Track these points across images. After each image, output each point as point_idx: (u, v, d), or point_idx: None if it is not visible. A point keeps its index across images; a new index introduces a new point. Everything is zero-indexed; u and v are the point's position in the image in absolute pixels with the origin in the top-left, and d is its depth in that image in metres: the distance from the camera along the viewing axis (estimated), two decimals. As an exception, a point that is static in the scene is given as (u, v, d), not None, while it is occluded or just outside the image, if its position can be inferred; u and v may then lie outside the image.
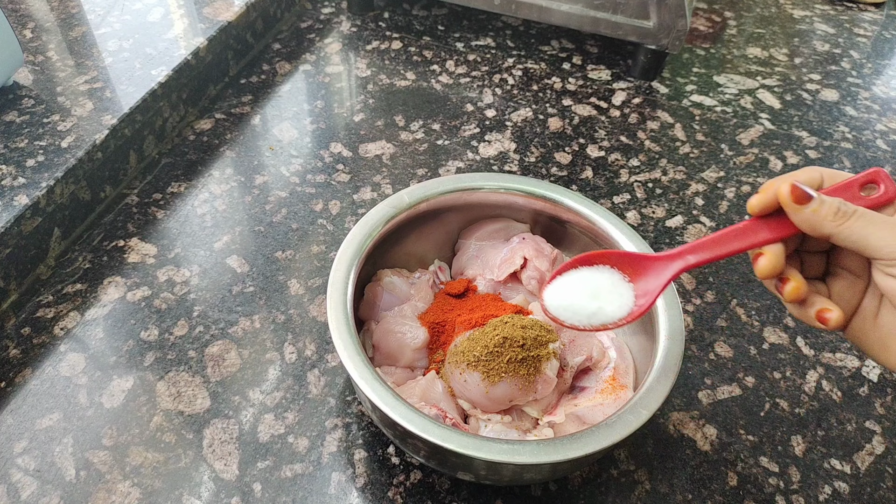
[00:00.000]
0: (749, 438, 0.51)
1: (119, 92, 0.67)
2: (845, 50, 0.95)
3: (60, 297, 0.57)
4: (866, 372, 0.56)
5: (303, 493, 0.46)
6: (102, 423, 0.49)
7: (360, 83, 0.82)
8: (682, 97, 0.84)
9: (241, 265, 0.60)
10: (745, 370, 0.55)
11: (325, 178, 0.69)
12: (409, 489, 0.47)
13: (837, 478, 0.49)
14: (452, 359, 0.46)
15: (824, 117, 0.82)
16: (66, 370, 0.52)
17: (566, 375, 0.47)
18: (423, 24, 0.93)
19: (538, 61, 0.88)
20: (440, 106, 0.79)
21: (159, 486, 0.46)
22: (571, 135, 0.76)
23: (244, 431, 0.49)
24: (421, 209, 0.52)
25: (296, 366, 0.53)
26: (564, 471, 0.46)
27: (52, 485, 0.46)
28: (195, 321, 0.56)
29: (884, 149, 0.78)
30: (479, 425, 0.45)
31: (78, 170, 0.60)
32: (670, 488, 0.48)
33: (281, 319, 0.56)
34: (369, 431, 0.49)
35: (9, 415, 0.49)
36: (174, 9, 0.79)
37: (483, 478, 0.43)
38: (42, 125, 0.63)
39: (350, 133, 0.75)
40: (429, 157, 0.72)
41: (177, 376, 0.52)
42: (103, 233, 0.62)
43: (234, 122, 0.75)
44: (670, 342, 0.43)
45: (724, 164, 0.74)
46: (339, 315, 0.43)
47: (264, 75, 0.82)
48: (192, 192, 0.67)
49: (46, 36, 0.74)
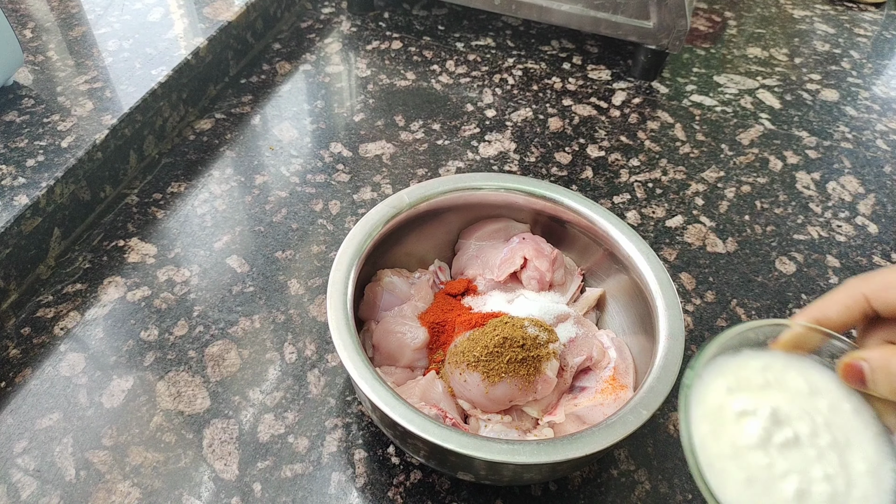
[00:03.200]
0: (749, 438, 0.51)
1: (119, 92, 0.67)
2: (845, 50, 0.95)
3: (60, 297, 0.57)
4: (866, 372, 0.56)
5: (303, 493, 0.46)
6: (102, 423, 0.49)
7: (360, 83, 0.82)
8: (683, 97, 0.84)
9: (241, 265, 0.60)
10: (745, 370, 0.55)
11: (325, 178, 0.69)
12: (409, 489, 0.47)
13: (837, 478, 0.49)
14: (452, 359, 0.46)
15: (824, 117, 0.82)
16: (66, 370, 0.52)
17: (566, 375, 0.47)
18: (423, 24, 0.93)
19: (538, 61, 0.88)
20: (440, 106, 0.79)
21: (159, 486, 0.46)
22: (571, 135, 0.76)
23: (244, 431, 0.49)
24: (421, 209, 0.52)
25: (296, 366, 0.53)
26: (564, 471, 0.46)
27: (52, 485, 0.46)
28: (195, 321, 0.56)
29: (884, 149, 0.78)
30: (479, 425, 0.45)
31: (78, 170, 0.60)
32: (670, 488, 0.48)
33: (281, 319, 0.56)
34: (369, 431, 0.49)
35: (9, 415, 0.49)
36: (174, 9, 0.79)
37: (483, 478, 0.43)
38: (42, 125, 0.63)
39: (350, 133, 0.75)
40: (429, 157, 0.72)
41: (177, 376, 0.52)
42: (103, 233, 0.62)
43: (234, 122, 0.75)
44: (670, 342, 0.43)
45: (725, 164, 0.74)
46: (339, 315, 0.43)
47: (264, 75, 0.82)
48: (192, 192, 0.67)
49: (46, 36, 0.74)
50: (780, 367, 0.32)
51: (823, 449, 0.29)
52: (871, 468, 0.29)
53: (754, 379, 0.31)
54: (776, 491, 0.29)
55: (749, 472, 0.29)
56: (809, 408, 0.30)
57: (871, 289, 0.30)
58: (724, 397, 0.31)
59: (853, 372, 0.30)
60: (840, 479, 0.29)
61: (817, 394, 0.31)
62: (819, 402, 0.31)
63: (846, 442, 0.30)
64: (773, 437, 0.30)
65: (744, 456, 0.29)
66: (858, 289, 0.31)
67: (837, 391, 0.31)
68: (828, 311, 0.31)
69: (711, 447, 0.30)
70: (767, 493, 0.29)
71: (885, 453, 0.30)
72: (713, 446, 0.30)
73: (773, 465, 0.29)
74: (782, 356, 0.32)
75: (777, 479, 0.29)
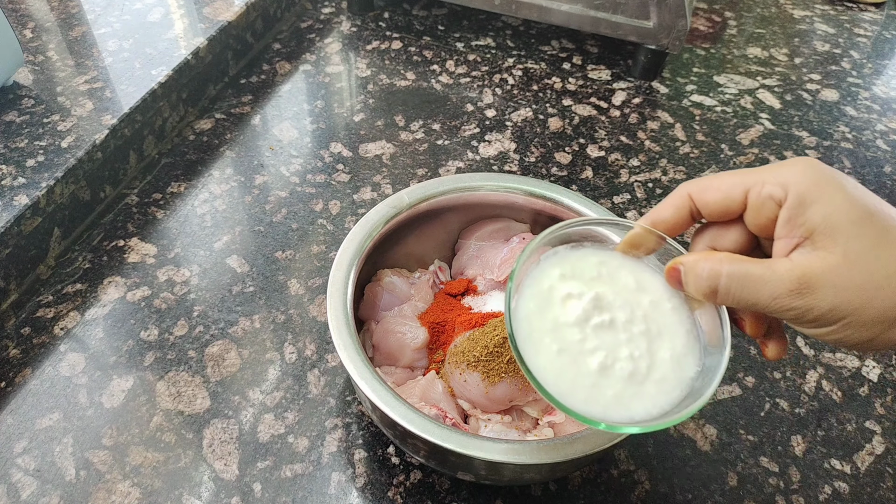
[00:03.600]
0: (749, 438, 0.51)
1: (119, 92, 0.67)
2: (845, 50, 0.95)
3: (60, 296, 0.57)
4: (866, 372, 0.56)
5: (303, 493, 0.46)
6: (102, 423, 0.49)
7: (360, 83, 0.82)
8: (683, 97, 0.84)
9: (241, 265, 0.60)
10: (745, 370, 0.55)
11: (325, 177, 0.69)
12: (409, 489, 0.47)
13: (837, 478, 0.49)
14: (452, 359, 0.46)
15: (824, 117, 0.82)
16: (66, 370, 0.52)
17: (566, 375, 0.47)
18: (423, 24, 0.93)
19: (538, 61, 0.88)
20: (440, 106, 0.79)
21: (159, 485, 0.46)
22: (571, 135, 0.76)
23: (244, 431, 0.49)
24: (421, 209, 0.52)
25: (296, 366, 0.53)
26: (564, 471, 0.46)
27: (52, 485, 0.46)
28: (195, 321, 0.56)
29: (884, 149, 0.78)
30: (479, 425, 0.45)
31: (78, 170, 0.60)
32: (670, 488, 0.48)
33: (281, 319, 0.56)
34: (369, 431, 0.49)
35: (9, 415, 0.49)
36: (174, 9, 0.79)
37: (483, 478, 0.43)
38: (42, 125, 0.63)
39: (350, 133, 0.75)
40: (429, 157, 0.72)
41: (177, 376, 0.52)
42: (103, 233, 0.62)
43: (234, 122, 0.75)
44: (670, 342, 0.43)
45: (725, 164, 0.74)
46: (339, 315, 0.43)
47: (264, 75, 0.82)
48: (191, 192, 0.67)
49: (46, 36, 0.74)
50: (615, 264, 0.35)
51: (635, 335, 0.33)
52: (675, 357, 0.33)
53: (588, 271, 0.35)
54: (582, 362, 0.32)
55: (561, 344, 0.33)
56: (632, 301, 0.34)
57: (694, 189, 0.32)
58: (556, 282, 0.34)
59: (673, 274, 0.32)
60: (644, 361, 0.33)
61: (643, 290, 0.34)
62: (643, 298, 0.34)
63: (658, 333, 0.33)
64: (591, 318, 0.33)
65: (560, 331, 0.33)
66: (685, 189, 0.32)
67: (663, 291, 0.34)
68: (662, 212, 0.33)
69: (535, 322, 0.33)
70: (574, 363, 0.32)
71: (691, 348, 0.33)
72: (536, 321, 0.33)
73: (584, 340, 0.33)
74: (620, 256, 0.35)
75: (585, 354, 0.33)
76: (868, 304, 0.27)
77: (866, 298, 0.27)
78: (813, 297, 0.28)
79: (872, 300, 0.27)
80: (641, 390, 0.32)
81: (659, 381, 0.33)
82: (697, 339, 0.34)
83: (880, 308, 0.27)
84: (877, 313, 0.27)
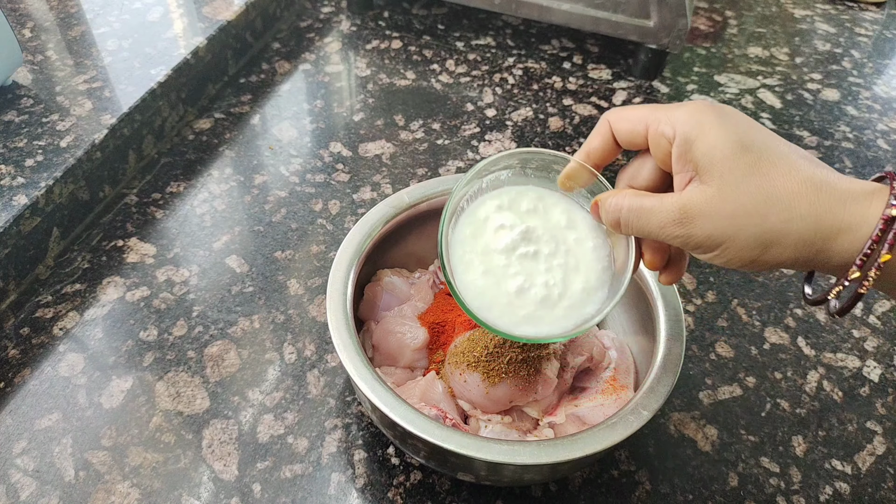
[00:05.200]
0: (750, 439, 0.50)
1: (118, 91, 0.67)
2: (846, 49, 0.94)
3: (59, 297, 0.57)
4: (867, 372, 0.55)
5: (302, 494, 0.46)
6: (101, 424, 0.49)
7: (359, 82, 0.82)
8: (683, 97, 0.84)
9: (241, 265, 0.60)
10: (746, 370, 0.55)
11: (325, 177, 0.69)
12: (409, 490, 0.46)
13: (838, 478, 0.49)
14: (452, 359, 0.46)
15: (825, 117, 0.82)
16: (65, 370, 0.52)
17: (566, 376, 0.47)
18: (423, 23, 0.93)
19: (538, 60, 0.87)
20: (440, 105, 0.79)
21: (158, 486, 0.46)
22: (572, 134, 0.76)
23: (243, 432, 0.49)
24: (421, 209, 0.52)
25: (295, 366, 0.53)
26: (565, 471, 0.46)
27: (51, 485, 0.45)
28: (194, 321, 0.56)
29: (885, 148, 0.78)
30: (479, 426, 0.45)
31: (77, 169, 0.60)
32: (671, 489, 0.47)
33: (280, 319, 0.56)
34: (369, 432, 0.49)
35: (8, 415, 0.49)
36: (173, 8, 0.79)
37: (483, 478, 0.43)
38: (41, 125, 0.63)
39: (350, 133, 0.75)
40: (429, 157, 0.72)
41: (176, 376, 0.52)
42: (102, 233, 0.62)
43: (234, 121, 0.75)
44: (671, 342, 0.43)
45: (725, 164, 0.74)
46: (339, 315, 0.43)
47: (264, 75, 0.82)
48: (191, 191, 0.67)
49: (45, 35, 0.74)
50: (552, 201, 0.38)
51: (553, 267, 0.37)
52: (585, 289, 0.37)
53: (524, 205, 0.38)
54: (503, 283, 0.37)
55: (487, 266, 0.37)
56: (559, 237, 0.38)
57: (613, 118, 0.35)
58: (492, 212, 0.38)
59: (594, 208, 0.36)
60: (556, 289, 0.37)
61: (572, 228, 0.38)
62: (569, 235, 0.38)
63: (575, 267, 0.38)
64: (517, 248, 0.37)
65: (489, 255, 0.37)
66: (607, 117, 0.35)
67: (589, 231, 0.38)
68: (592, 141, 0.35)
69: (468, 245, 0.38)
70: (497, 283, 0.37)
71: (604, 283, 0.38)
72: (469, 244, 0.38)
73: (508, 266, 0.37)
74: (559, 194, 0.38)
75: (507, 277, 0.37)
76: (741, 231, 0.30)
77: (738, 226, 0.30)
78: (692, 226, 0.31)
79: (745, 227, 0.30)
80: (551, 314, 0.37)
81: (567, 308, 0.37)
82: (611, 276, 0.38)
83: (753, 233, 0.30)
84: (750, 238, 0.30)
